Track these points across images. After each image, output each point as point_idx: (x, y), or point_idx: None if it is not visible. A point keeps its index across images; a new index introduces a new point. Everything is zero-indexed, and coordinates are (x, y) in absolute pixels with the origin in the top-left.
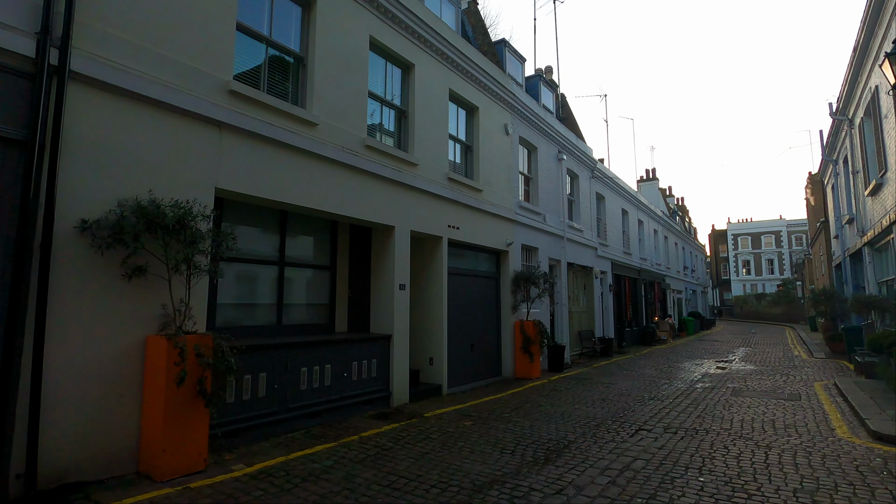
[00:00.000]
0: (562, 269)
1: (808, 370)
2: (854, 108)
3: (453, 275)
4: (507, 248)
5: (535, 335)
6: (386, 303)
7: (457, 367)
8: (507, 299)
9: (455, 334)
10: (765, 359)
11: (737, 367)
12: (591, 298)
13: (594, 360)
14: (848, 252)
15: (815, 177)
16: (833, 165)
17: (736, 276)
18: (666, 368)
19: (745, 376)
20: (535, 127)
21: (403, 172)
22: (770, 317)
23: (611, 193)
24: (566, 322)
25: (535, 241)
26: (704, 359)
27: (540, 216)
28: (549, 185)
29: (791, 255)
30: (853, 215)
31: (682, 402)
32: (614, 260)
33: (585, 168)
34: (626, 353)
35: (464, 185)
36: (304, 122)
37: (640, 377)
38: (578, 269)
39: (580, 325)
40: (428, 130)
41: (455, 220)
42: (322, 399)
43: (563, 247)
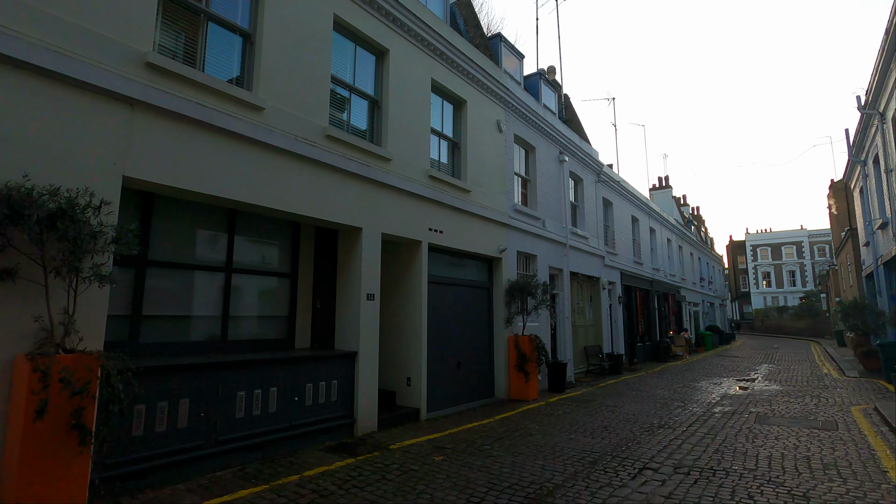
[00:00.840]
0: (564, 278)
1: (842, 391)
2: (886, 100)
3: (436, 284)
4: (500, 255)
5: (531, 352)
6: (352, 315)
7: (440, 388)
8: (501, 312)
9: (438, 351)
10: (791, 377)
11: (760, 388)
12: (599, 311)
13: (601, 379)
14: (881, 260)
15: (837, 184)
16: (861, 167)
17: (756, 289)
18: (680, 389)
19: (769, 398)
20: (532, 125)
21: (374, 168)
22: (793, 331)
23: (619, 199)
24: (569, 337)
25: (533, 248)
26: (723, 377)
27: (539, 221)
28: (549, 188)
29: (813, 267)
30: (887, 219)
31: (698, 430)
32: (624, 270)
33: (590, 172)
34: (638, 370)
35: (448, 185)
36: (247, 105)
37: (651, 399)
38: (584, 279)
39: (586, 340)
40: (405, 123)
41: (438, 222)
42: (265, 429)
43: (565, 255)
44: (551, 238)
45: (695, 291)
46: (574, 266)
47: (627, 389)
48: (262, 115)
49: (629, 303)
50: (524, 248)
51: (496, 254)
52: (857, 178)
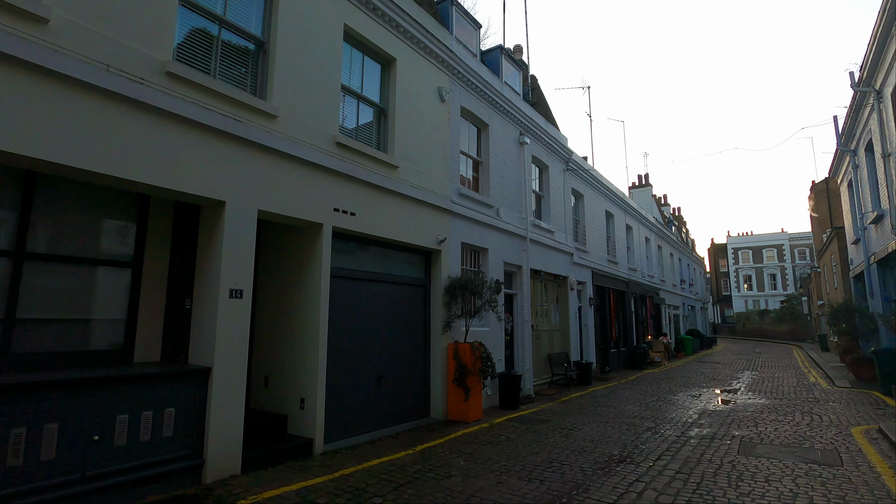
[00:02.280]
0: (523, 277)
1: (835, 405)
2: (884, 75)
3: (349, 279)
4: (438, 247)
5: (472, 362)
6: (208, 318)
7: (349, 411)
8: (439, 314)
9: (349, 363)
10: (776, 387)
11: (744, 401)
12: (566, 314)
13: (566, 391)
14: (874, 258)
15: (818, 185)
16: (851, 157)
17: (737, 292)
18: (654, 403)
19: (755, 415)
20: (486, 100)
21: (250, 125)
22: (774, 334)
23: (591, 192)
24: (529, 344)
25: (482, 240)
26: (703, 387)
27: (491, 210)
28: (506, 172)
29: (794, 270)
30: (882, 211)
31: (668, 467)
32: (596, 269)
33: (558, 159)
34: (610, 379)
35: (367, 158)
36: (26, 14)
37: (617, 418)
38: (548, 278)
39: (550, 347)
40: (303, 75)
41: (350, 202)
42: (35, 485)
43: (525, 249)
44: (507, 230)
45: (675, 294)
46: (536, 263)
47: (593, 405)
48: (53, 35)
49: (602, 305)
50: (471, 239)
51: (434, 245)
52: (846, 170)
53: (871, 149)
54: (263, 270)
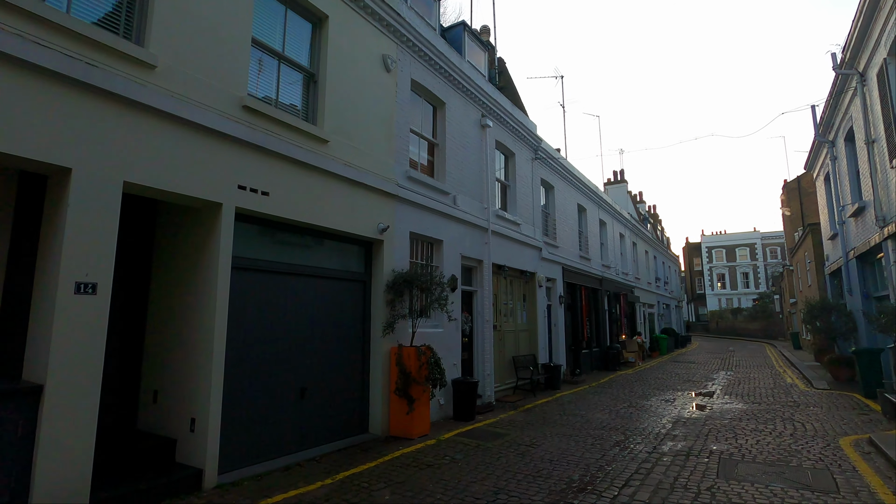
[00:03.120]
0: (484, 272)
1: (817, 411)
2: (868, 56)
3: (260, 273)
4: (380, 237)
5: (417, 369)
6: (43, 319)
7: (260, 431)
8: (381, 314)
9: (260, 373)
10: (753, 389)
11: (720, 406)
12: (534, 313)
13: (531, 398)
14: (853, 253)
15: (790, 184)
16: (829, 148)
17: (711, 291)
18: (625, 409)
19: (733, 424)
20: (443, 75)
21: (113, 73)
22: (747, 333)
23: (562, 184)
24: (490, 346)
25: (436, 231)
26: (678, 390)
27: (447, 197)
28: (465, 157)
29: (766, 269)
30: (863, 203)
31: (635, 497)
32: (567, 265)
33: (525, 146)
34: (580, 383)
35: (285, 127)
36: None
37: (584, 429)
38: (514, 274)
39: (516, 349)
40: (195, 19)
41: (260, 178)
42: None
43: (486, 242)
44: (466, 220)
45: (650, 292)
46: (500, 257)
47: (558, 413)
48: None
49: (573, 303)
50: (423, 229)
51: (374, 234)
52: (822, 163)
53: (851, 138)
54: (157, 262)
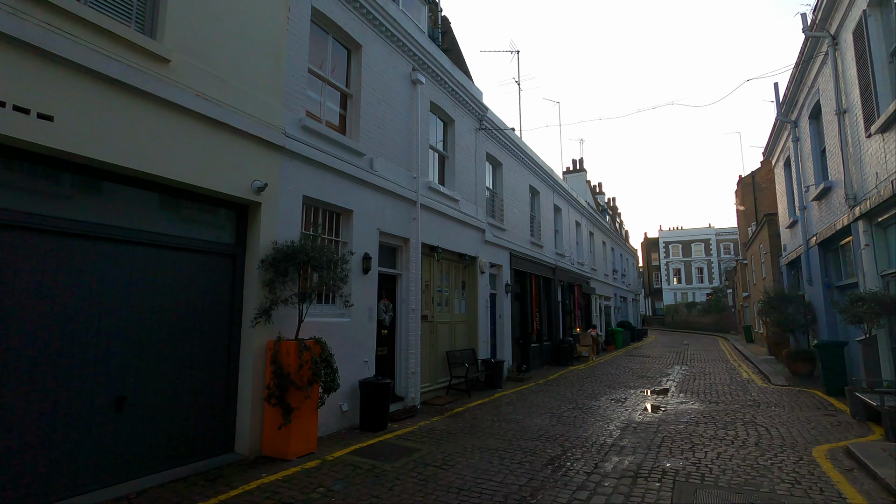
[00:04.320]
0: (411, 253)
1: (780, 412)
2: (843, 15)
3: (44, 233)
4: (256, 198)
5: (297, 369)
6: None
7: (44, 459)
8: (255, 298)
9: (41, 380)
10: (710, 386)
11: (675, 407)
12: (475, 302)
13: (465, 399)
14: (816, 239)
15: (745, 179)
16: (792, 129)
17: (667, 285)
18: (569, 413)
19: (690, 430)
20: (358, 10)
21: None
22: (701, 326)
23: (513, 162)
24: (417, 339)
25: (343, 198)
26: (631, 388)
27: (361, 159)
28: (388, 114)
29: (720, 264)
30: (831, 183)
31: None
32: (516, 251)
33: (468, 114)
34: (526, 380)
35: (86, 26)
36: None
37: (516, 440)
38: (451, 257)
39: (452, 343)
40: None
41: (35, 95)
42: None
43: (414, 218)
44: (388, 189)
45: (606, 284)
46: (432, 237)
47: (492, 418)
48: None
49: (523, 293)
50: (324, 194)
51: (248, 194)
52: (784, 146)
53: (817, 114)
54: None
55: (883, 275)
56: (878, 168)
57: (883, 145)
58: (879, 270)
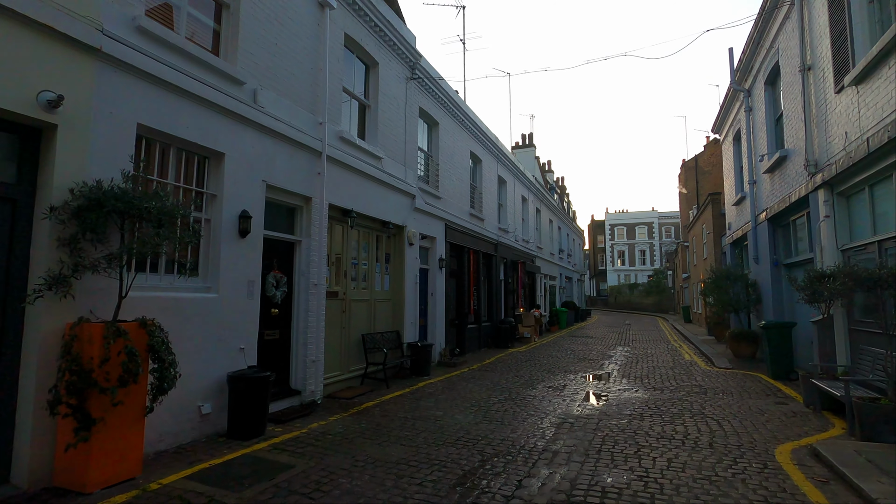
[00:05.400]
0: (313, 215)
1: (729, 401)
2: None
3: None
4: (50, 118)
5: (100, 365)
6: None
7: None
8: (46, 260)
9: None
10: (653, 370)
11: (617, 395)
12: (401, 278)
13: (381, 390)
14: (766, 214)
15: (688, 163)
16: (745, 99)
17: (612, 267)
18: (499, 405)
19: (634, 426)
20: None
21: None
22: (642, 307)
23: (452, 123)
24: (320, 320)
25: (210, 136)
26: (571, 372)
27: (239, 88)
28: (278, 35)
29: (661, 247)
30: (787, 152)
31: None
32: (453, 223)
33: (396, 58)
34: (459, 365)
35: None
36: None
37: (427, 446)
38: (371, 225)
39: (371, 325)
40: None
41: None
42: None
43: (319, 172)
44: (278, 131)
45: (552, 263)
46: (346, 198)
47: (405, 415)
48: None
49: (460, 269)
50: (174, 126)
51: (35, 111)
52: (734, 119)
53: (773, 80)
54: None
55: (843, 249)
56: (847, 127)
57: (857, 99)
58: (839, 244)
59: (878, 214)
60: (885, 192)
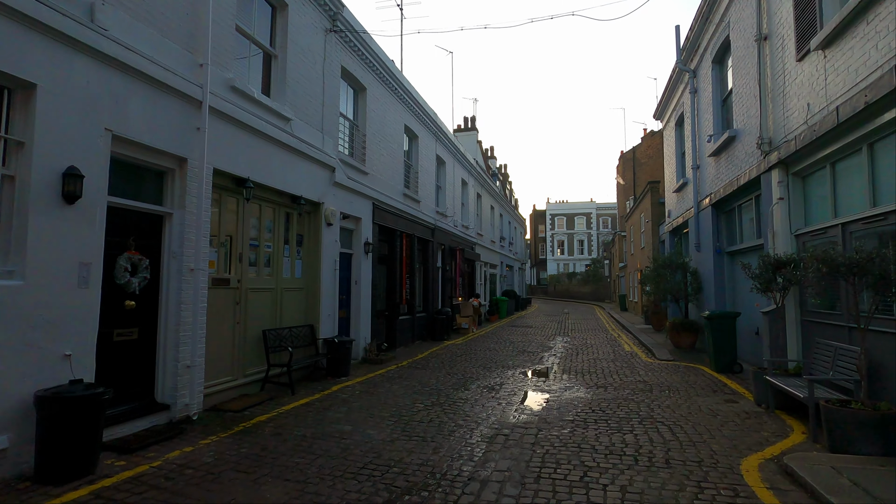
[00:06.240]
0: (189, 181)
1: (678, 400)
2: None
3: None
4: None
5: None
6: None
7: None
8: None
9: None
10: (594, 363)
11: (558, 396)
12: (317, 263)
13: (285, 398)
14: (710, 199)
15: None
16: (690, 80)
17: (552, 256)
18: (424, 415)
19: (578, 438)
20: None
21: None
22: (580, 295)
23: (381, 90)
24: (197, 314)
25: (12, 59)
26: (509, 367)
27: (70, 1)
28: None
29: (598, 237)
30: (736, 132)
31: None
32: (382, 203)
33: (313, 5)
34: (387, 362)
35: None
36: None
37: (318, 482)
38: (277, 199)
39: (277, 318)
40: None
41: None
42: None
43: (198, 127)
44: (130, 64)
45: (493, 251)
46: (237, 162)
47: (303, 434)
48: None
49: (391, 255)
50: None
51: None
52: (677, 104)
53: (722, 58)
54: None
55: (798, 234)
56: (810, 97)
57: (823, 65)
58: (793, 229)
59: (842, 195)
60: (851, 169)
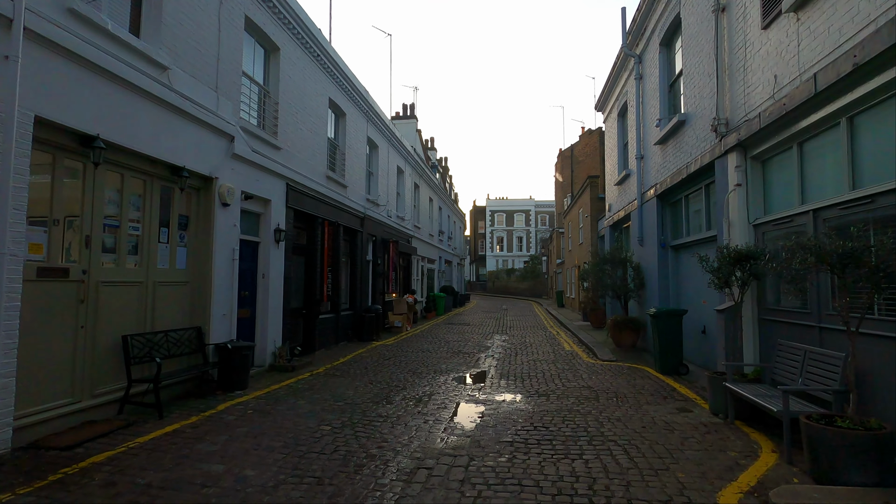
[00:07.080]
0: None
1: (627, 411)
2: None
3: None
4: None
5: None
6: None
7: None
8: None
9: None
10: (534, 365)
11: (494, 408)
12: (208, 251)
13: (153, 421)
14: (655, 190)
15: (564, 152)
16: (636, 65)
17: (491, 252)
18: (329, 439)
19: (518, 471)
20: None
21: None
22: (518, 291)
23: (299, 53)
24: (10, 317)
25: None
26: (442, 373)
27: None
28: None
29: (537, 234)
30: (686, 116)
31: None
32: (300, 184)
33: None
34: (300, 368)
35: None
36: None
37: None
38: (151, 169)
39: (148, 319)
40: None
41: None
42: None
43: (7, 55)
44: None
45: (431, 245)
46: (79, 114)
47: (150, 482)
48: None
49: (311, 245)
50: None
51: None
52: (620, 92)
53: (669, 40)
54: None
55: (756, 224)
56: (779, 68)
57: (797, 29)
58: (752, 218)
59: (811, 178)
60: (824, 148)
